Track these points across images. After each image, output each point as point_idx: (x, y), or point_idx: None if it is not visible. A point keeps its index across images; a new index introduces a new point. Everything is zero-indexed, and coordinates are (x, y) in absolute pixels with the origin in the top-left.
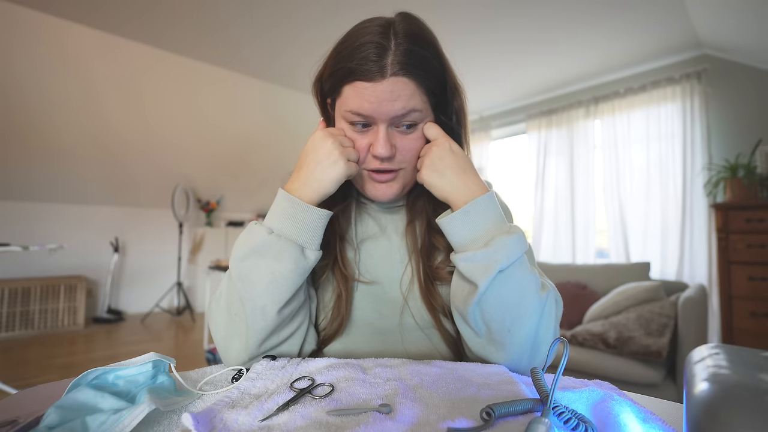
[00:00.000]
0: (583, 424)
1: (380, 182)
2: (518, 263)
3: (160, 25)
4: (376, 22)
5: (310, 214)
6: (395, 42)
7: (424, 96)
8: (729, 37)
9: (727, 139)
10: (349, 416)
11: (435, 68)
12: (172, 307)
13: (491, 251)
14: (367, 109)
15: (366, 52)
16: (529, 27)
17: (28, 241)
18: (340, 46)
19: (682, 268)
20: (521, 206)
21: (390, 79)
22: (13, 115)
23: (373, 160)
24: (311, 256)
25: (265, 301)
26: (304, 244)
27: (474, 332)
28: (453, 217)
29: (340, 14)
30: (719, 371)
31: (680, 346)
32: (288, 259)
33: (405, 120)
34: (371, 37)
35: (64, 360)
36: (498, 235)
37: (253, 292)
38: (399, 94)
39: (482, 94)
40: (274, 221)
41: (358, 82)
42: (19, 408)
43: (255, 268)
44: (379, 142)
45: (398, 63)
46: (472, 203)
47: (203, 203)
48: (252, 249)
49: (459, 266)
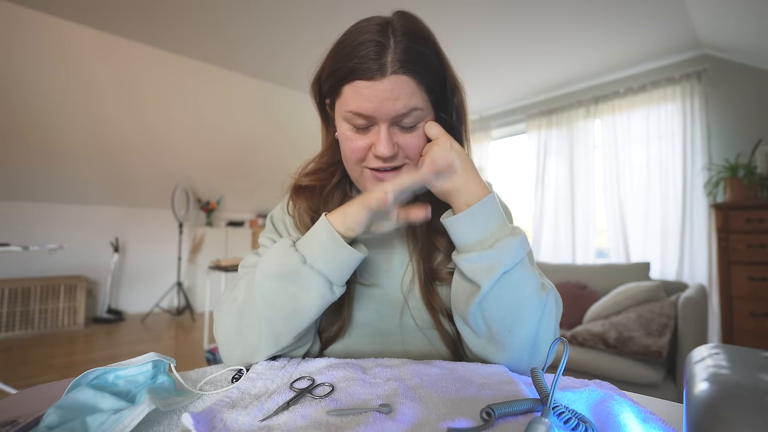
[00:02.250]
0: (583, 424)
1: (383, 180)
2: (520, 264)
3: (161, 25)
4: (374, 21)
5: (347, 254)
6: (394, 40)
7: (425, 94)
8: (729, 37)
9: (727, 139)
10: (349, 416)
11: (435, 65)
12: (172, 307)
13: (496, 252)
14: (368, 109)
15: (365, 50)
16: (529, 26)
17: (28, 241)
18: (338, 45)
19: (682, 268)
20: (521, 206)
21: (390, 78)
22: (14, 114)
23: (375, 160)
24: (337, 292)
25: (281, 329)
26: (333, 281)
27: (474, 333)
28: (459, 219)
29: (339, 14)
30: (719, 371)
31: (680, 346)
32: (315, 294)
33: (406, 118)
34: (370, 35)
35: (64, 360)
36: (502, 236)
37: (273, 317)
38: (399, 92)
39: (482, 93)
40: (310, 252)
41: (358, 81)
42: (19, 408)
43: (281, 292)
44: (381, 141)
45: (398, 61)
46: (478, 205)
47: (203, 203)
48: (281, 273)
49: (462, 267)
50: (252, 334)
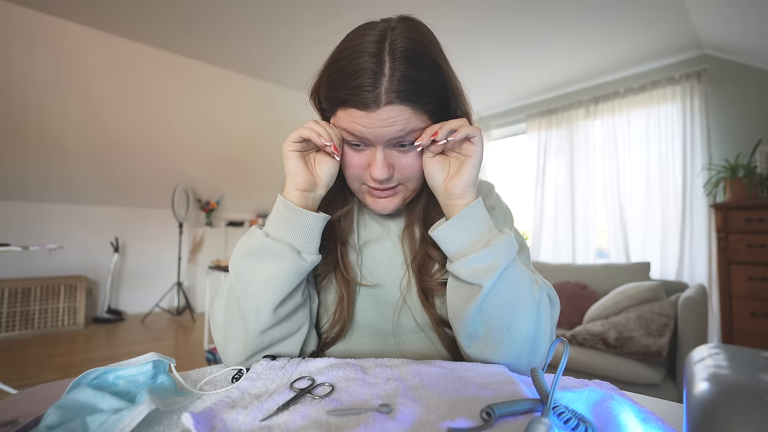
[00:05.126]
0: (583, 424)
1: (380, 198)
2: (514, 262)
3: (160, 25)
4: (372, 35)
5: (305, 218)
6: (391, 66)
7: (423, 116)
8: (729, 37)
9: (727, 139)
10: (349, 416)
11: (435, 87)
12: (172, 307)
13: (494, 251)
14: (363, 132)
15: (358, 80)
16: (529, 27)
17: (28, 241)
18: (333, 65)
19: (682, 268)
20: (521, 206)
21: (385, 108)
22: (12, 115)
23: (372, 179)
24: (308, 259)
25: (258, 302)
26: (300, 248)
27: (472, 337)
28: (449, 225)
29: (341, 15)
30: (719, 371)
31: (680, 346)
32: (283, 260)
33: (403, 140)
34: (364, 62)
35: (64, 360)
36: (494, 236)
37: (248, 293)
38: (396, 119)
39: (482, 94)
40: (272, 226)
41: (352, 110)
42: (19, 408)
43: (252, 269)
44: (377, 165)
45: (394, 92)
46: (467, 209)
47: (203, 203)
48: (250, 251)
49: (460, 271)
50: (238, 319)
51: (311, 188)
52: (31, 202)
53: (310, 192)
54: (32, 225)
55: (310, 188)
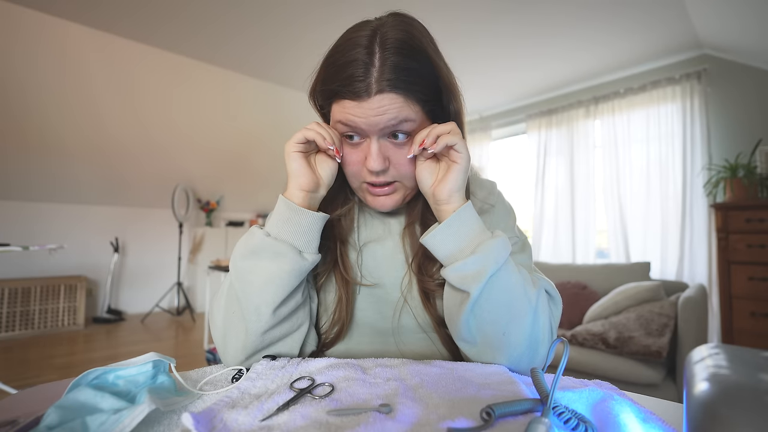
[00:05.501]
0: (583, 424)
1: (379, 195)
2: (506, 265)
3: (160, 25)
4: (364, 31)
5: (305, 218)
6: (381, 56)
7: (416, 105)
8: (729, 37)
9: (727, 139)
10: (349, 416)
11: (426, 76)
12: (172, 307)
13: (481, 257)
14: (356, 122)
15: (350, 71)
16: (529, 27)
17: (28, 241)
18: (327, 60)
19: (682, 268)
20: (521, 206)
21: (376, 97)
22: (13, 114)
23: (369, 174)
24: (309, 258)
25: (259, 301)
26: (300, 248)
27: (469, 343)
28: (436, 234)
29: (344, 16)
30: (719, 371)
31: (680, 346)
32: (284, 260)
33: (398, 130)
34: (356, 53)
35: (64, 360)
36: (483, 240)
37: (248, 292)
38: (387, 108)
39: (482, 94)
40: (273, 226)
41: (345, 101)
42: (19, 408)
43: (253, 268)
44: (372, 155)
45: (385, 80)
46: (453, 216)
47: (203, 203)
48: (250, 250)
49: (450, 278)
50: (238, 318)
51: (314, 189)
52: (32, 201)
53: (312, 192)
54: (32, 225)
55: (313, 189)
